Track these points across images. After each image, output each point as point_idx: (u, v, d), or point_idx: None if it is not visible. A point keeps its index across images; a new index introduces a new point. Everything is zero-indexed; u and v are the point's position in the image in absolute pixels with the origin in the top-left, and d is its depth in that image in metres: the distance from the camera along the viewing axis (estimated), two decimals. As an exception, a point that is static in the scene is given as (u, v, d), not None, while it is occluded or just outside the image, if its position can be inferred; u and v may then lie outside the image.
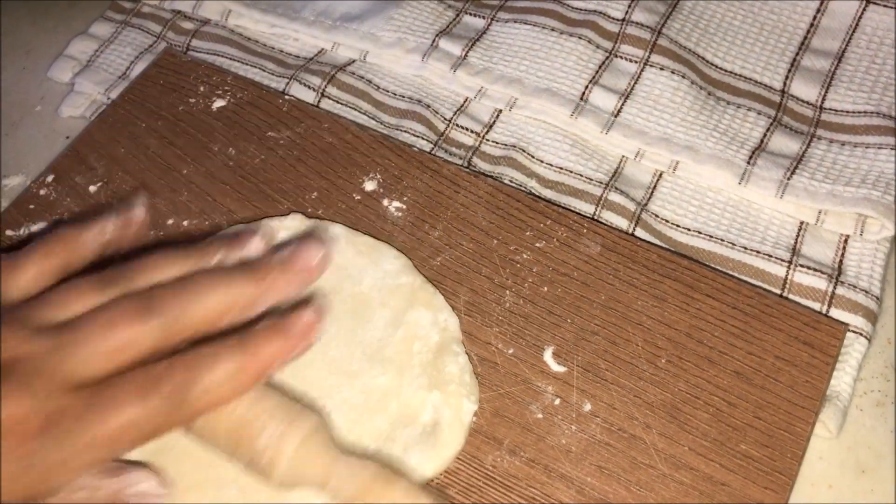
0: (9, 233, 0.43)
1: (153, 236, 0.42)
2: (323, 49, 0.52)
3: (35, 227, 0.43)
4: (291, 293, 0.32)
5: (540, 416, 0.37)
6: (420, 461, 0.35)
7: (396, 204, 0.43)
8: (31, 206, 0.44)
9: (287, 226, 0.42)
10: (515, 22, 0.51)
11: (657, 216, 0.44)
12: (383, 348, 0.38)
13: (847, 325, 0.39)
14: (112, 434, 0.28)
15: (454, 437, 0.36)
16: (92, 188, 0.45)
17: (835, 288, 0.41)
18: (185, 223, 0.43)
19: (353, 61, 0.51)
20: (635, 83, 0.48)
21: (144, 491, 0.30)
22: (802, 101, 0.48)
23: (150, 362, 0.29)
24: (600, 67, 0.49)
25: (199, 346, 0.30)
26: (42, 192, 0.45)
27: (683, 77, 0.48)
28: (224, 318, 0.31)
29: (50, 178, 0.45)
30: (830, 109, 0.47)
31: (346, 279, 0.40)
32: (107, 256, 0.34)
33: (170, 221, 0.43)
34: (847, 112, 0.47)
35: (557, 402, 0.37)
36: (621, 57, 0.49)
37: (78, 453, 0.28)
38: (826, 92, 0.48)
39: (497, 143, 0.47)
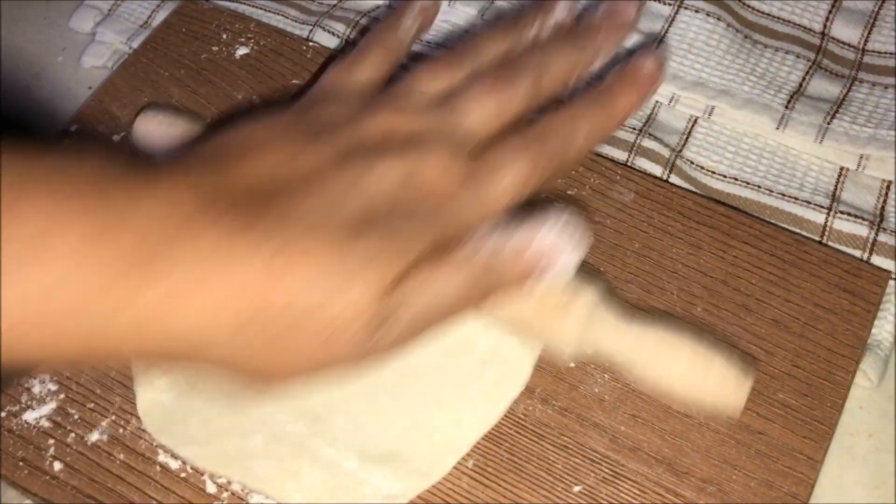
0: (34, 183, 0.43)
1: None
2: (347, -5, 0.51)
3: (60, 178, 0.43)
4: (617, 46, 0.36)
5: (572, 364, 0.36)
6: (478, 400, 0.35)
7: (424, 151, 0.42)
8: (56, 157, 0.44)
9: None
10: (545, -36, 0.49)
11: (692, 163, 0.43)
12: None
13: (890, 272, 0.38)
14: (509, 188, 0.31)
15: (521, 367, 0.36)
16: (115, 137, 0.44)
17: (876, 235, 0.40)
18: (210, 172, 0.42)
19: (378, 7, 0.50)
20: (669, 26, 0.47)
21: (547, 246, 0.30)
22: (844, 43, 0.46)
23: (520, 124, 0.32)
24: (633, 10, 0.47)
25: (560, 110, 0.33)
26: (66, 142, 0.44)
27: (719, 20, 0.46)
28: (571, 79, 0.34)
29: (73, 129, 0.45)
30: (873, 52, 0.46)
31: None
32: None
33: (195, 171, 0.43)
34: (891, 54, 0.45)
35: (590, 350, 0.36)
36: (655, -1, 0.48)
37: (483, 208, 0.31)
38: (869, 34, 0.46)
39: (526, 89, 0.46)
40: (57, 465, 0.35)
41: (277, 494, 0.34)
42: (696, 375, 0.33)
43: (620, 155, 0.43)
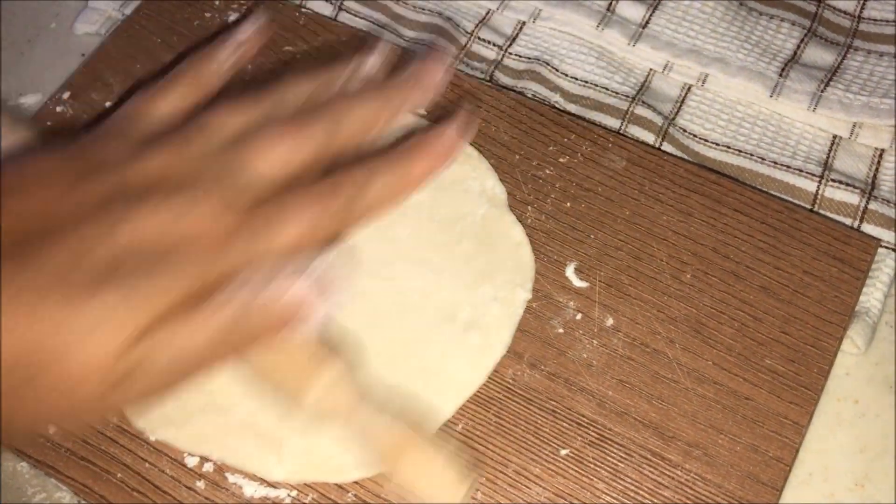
0: (27, 150, 0.43)
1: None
2: (340, -39, 0.50)
3: (53, 144, 0.43)
4: (420, 106, 0.35)
5: (561, 330, 0.36)
6: (461, 366, 0.35)
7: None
8: (49, 124, 0.44)
9: None
10: (540, -70, 0.49)
11: (685, 131, 0.43)
12: (418, 244, 0.38)
13: (879, 240, 0.38)
14: (288, 243, 0.29)
15: (501, 334, 0.36)
16: (108, 104, 0.44)
17: (867, 203, 0.40)
18: (203, 139, 0.42)
19: (372, -26, 0.49)
20: (664, -7, 0.46)
21: (300, 298, 0.28)
22: (839, 10, 0.46)
23: (308, 176, 0.31)
24: (628, -23, 0.47)
25: (354, 164, 0.31)
26: (58, 109, 0.44)
27: (715, -14, 0.46)
28: (370, 133, 0.33)
29: (66, 96, 0.44)
30: (869, 19, 0.45)
31: None
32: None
33: (187, 137, 0.42)
34: (887, 21, 0.45)
35: (579, 317, 0.37)
36: (650, -34, 0.47)
37: (253, 260, 0.29)
38: (865, 1, 0.46)
39: (520, 56, 0.46)
40: (51, 427, 0.35)
41: (258, 470, 0.34)
42: (419, 466, 0.31)
43: (613, 122, 0.43)
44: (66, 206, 0.28)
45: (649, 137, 0.42)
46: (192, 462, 0.35)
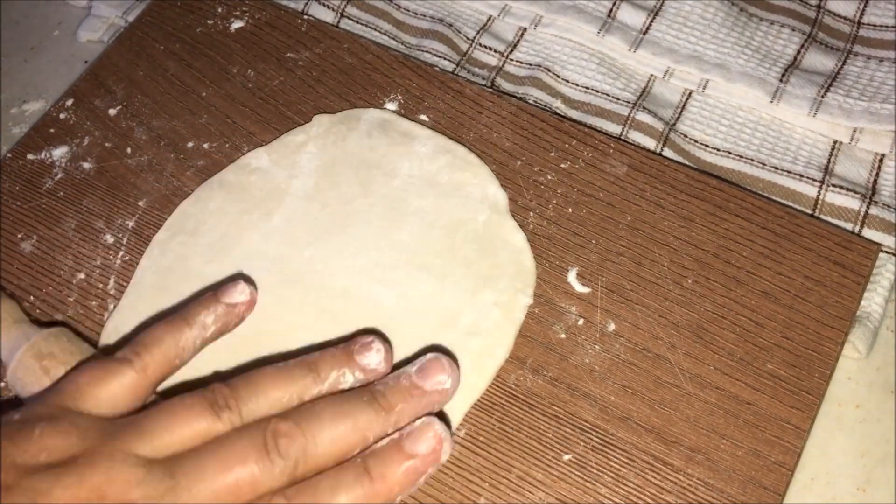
0: (30, 157, 0.43)
1: (173, 158, 0.42)
2: (342, -32, 0.51)
3: (56, 151, 0.43)
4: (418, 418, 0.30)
5: (563, 336, 0.36)
6: (464, 371, 0.35)
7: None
8: (52, 131, 0.44)
9: (313, 133, 0.42)
10: (540, -63, 0.49)
11: (686, 136, 0.43)
12: (421, 249, 0.38)
13: (880, 245, 0.38)
14: None
15: (503, 339, 0.36)
16: (111, 111, 0.44)
17: (868, 208, 0.40)
18: (206, 146, 0.42)
19: (374, -20, 0.50)
20: (665, -1, 0.47)
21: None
22: (839, 16, 0.46)
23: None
24: (628, -17, 0.47)
25: (318, 477, 0.28)
26: (62, 115, 0.44)
27: (715, -8, 0.46)
28: (351, 454, 0.29)
29: (69, 103, 0.45)
30: (869, 25, 0.45)
31: (379, 176, 0.40)
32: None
33: (189, 144, 0.43)
34: (887, 27, 0.45)
35: (581, 322, 0.37)
36: (650, -28, 0.47)
37: None
38: (865, 7, 0.46)
39: (521, 62, 0.46)
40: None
41: None
42: None
43: (614, 129, 0.43)
44: None
45: (650, 143, 0.42)
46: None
